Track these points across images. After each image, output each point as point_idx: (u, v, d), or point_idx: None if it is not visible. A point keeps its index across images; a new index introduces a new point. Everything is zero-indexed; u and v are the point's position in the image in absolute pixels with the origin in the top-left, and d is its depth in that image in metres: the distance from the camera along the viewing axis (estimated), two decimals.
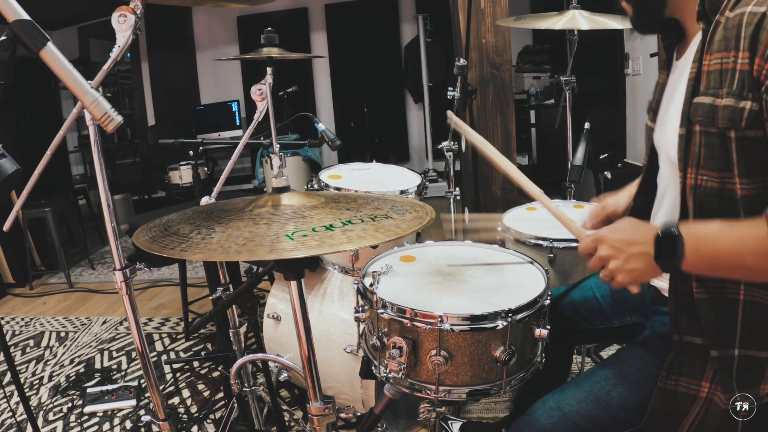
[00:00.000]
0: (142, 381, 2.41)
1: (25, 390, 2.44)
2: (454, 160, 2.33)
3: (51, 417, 2.25)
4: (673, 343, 1.00)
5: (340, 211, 0.95)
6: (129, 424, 2.14)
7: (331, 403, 1.03)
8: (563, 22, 1.98)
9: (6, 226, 1.22)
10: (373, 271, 1.22)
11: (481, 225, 1.35)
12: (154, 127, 6.00)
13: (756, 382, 0.93)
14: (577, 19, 1.97)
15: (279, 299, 1.96)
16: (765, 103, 0.81)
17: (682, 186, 0.95)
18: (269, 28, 1.85)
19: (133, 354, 2.75)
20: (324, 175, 1.99)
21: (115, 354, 2.78)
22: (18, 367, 2.70)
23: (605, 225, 1.20)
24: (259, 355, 1.42)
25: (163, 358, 2.69)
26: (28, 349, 2.94)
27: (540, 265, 1.29)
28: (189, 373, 2.49)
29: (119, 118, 0.90)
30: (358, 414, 1.73)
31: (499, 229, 1.69)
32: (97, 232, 5.14)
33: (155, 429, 2.09)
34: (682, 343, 0.99)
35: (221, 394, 2.25)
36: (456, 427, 1.74)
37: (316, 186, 1.92)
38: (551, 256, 1.60)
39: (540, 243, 1.62)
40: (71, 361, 2.75)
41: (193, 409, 2.20)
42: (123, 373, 2.58)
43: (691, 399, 0.97)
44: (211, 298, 1.69)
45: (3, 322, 3.36)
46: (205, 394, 2.29)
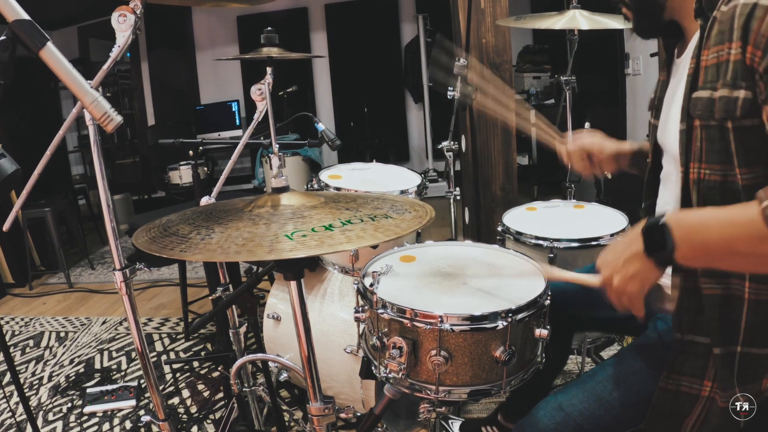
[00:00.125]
0: (142, 381, 2.41)
1: (25, 390, 2.44)
2: (454, 160, 2.33)
3: (51, 417, 2.24)
4: (674, 342, 1.00)
5: (340, 211, 0.95)
6: (129, 425, 2.14)
7: (331, 403, 1.03)
8: (563, 22, 1.98)
9: (6, 226, 1.22)
10: (373, 271, 1.22)
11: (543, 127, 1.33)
12: (154, 127, 6.00)
13: (757, 378, 0.94)
14: (577, 19, 1.97)
15: (279, 299, 1.96)
16: (759, 88, 0.81)
17: (684, 181, 0.95)
18: (269, 28, 1.85)
19: (133, 354, 2.75)
20: (324, 175, 1.99)
21: (114, 354, 2.78)
22: (18, 368, 2.70)
23: (581, 152, 1.28)
24: (259, 356, 1.42)
25: (163, 358, 2.69)
26: (27, 350, 2.94)
27: (540, 265, 1.29)
28: (189, 374, 2.49)
29: (119, 118, 0.90)
30: (358, 414, 1.73)
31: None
32: (97, 232, 5.14)
33: (155, 429, 2.09)
34: (684, 342, 0.99)
35: (221, 395, 2.25)
36: (456, 426, 1.74)
37: (316, 186, 1.91)
38: (551, 256, 1.60)
39: (540, 243, 1.62)
40: (71, 361, 2.75)
41: (193, 409, 2.20)
42: (123, 373, 2.58)
43: (693, 398, 0.97)
44: (210, 298, 1.69)
45: (3, 322, 3.36)
46: (205, 394, 2.29)
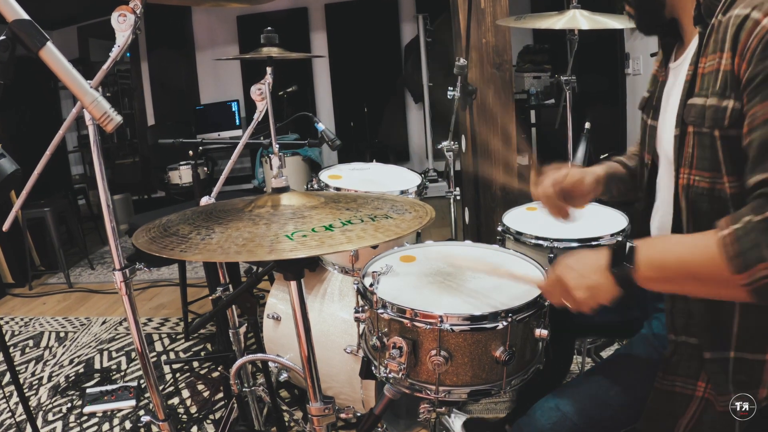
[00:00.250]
0: (142, 381, 2.40)
1: (25, 390, 2.44)
2: (454, 160, 2.33)
3: (50, 417, 2.24)
4: (668, 342, 1.00)
5: (340, 211, 0.95)
6: (128, 425, 2.14)
7: (330, 403, 1.03)
8: (563, 21, 1.98)
9: (5, 226, 1.22)
10: (373, 271, 1.22)
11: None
12: (154, 126, 5.99)
13: (753, 386, 0.93)
14: (577, 19, 1.97)
15: (279, 299, 1.96)
16: (744, 100, 0.82)
17: (675, 186, 0.95)
18: (269, 28, 1.84)
19: (133, 354, 2.75)
20: (324, 175, 1.99)
21: (114, 354, 2.78)
22: (17, 368, 2.70)
23: (561, 193, 1.23)
24: (259, 356, 1.42)
25: (163, 358, 2.68)
26: (27, 350, 2.94)
27: (540, 265, 1.29)
28: (189, 374, 2.49)
29: (119, 118, 0.90)
30: (358, 414, 1.73)
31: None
32: (97, 232, 5.14)
33: (155, 429, 2.09)
34: (678, 343, 0.99)
35: (221, 395, 2.25)
36: (458, 423, 1.73)
37: (316, 186, 1.91)
38: (551, 256, 1.60)
39: (540, 243, 1.62)
40: (71, 361, 2.75)
41: (193, 409, 2.20)
42: (122, 373, 2.58)
43: (687, 399, 0.97)
44: (210, 298, 1.69)
45: (2, 323, 3.36)
46: (205, 394, 2.29)
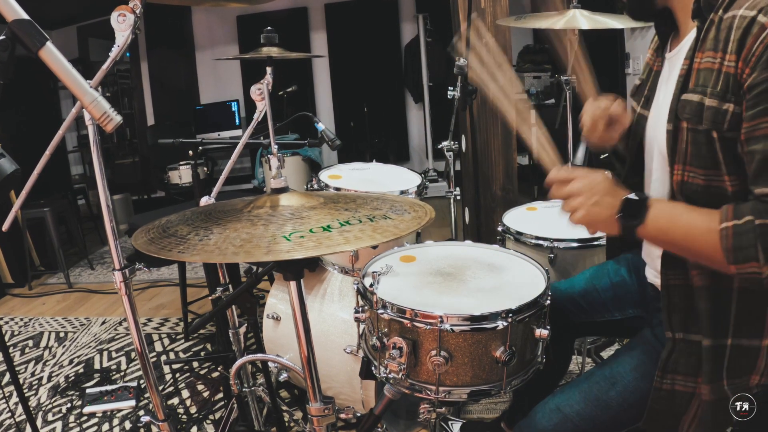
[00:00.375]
0: (142, 381, 2.40)
1: (24, 390, 2.44)
2: (454, 160, 2.33)
3: (50, 417, 2.24)
4: (667, 341, 1.00)
5: (339, 212, 0.95)
6: (128, 425, 2.14)
7: (330, 403, 1.02)
8: (564, 21, 1.97)
9: (5, 227, 1.22)
10: (373, 272, 1.22)
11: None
12: (154, 126, 5.99)
13: (746, 372, 0.94)
14: (577, 19, 1.97)
15: (278, 299, 1.96)
16: (744, 105, 0.83)
17: (670, 181, 0.96)
18: (269, 28, 1.84)
19: (133, 354, 2.75)
20: (324, 175, 1.99)
21: (114, 354, 2.78)
22: (17, 368, 2.69)
23: (608, 120, 1.26)
24: (259, 356, 1.42)
25: (163, 358, 2.68)
26: (27, 350, 2.93)
27: (540, 265, 1.29)
28: (188, 374, 2.48)
29: (118, 118, 0.89)
30: (358, 414, 1.73)
31: None
32: (97, 232, 5.14)
33: (154, 429, 2.09)
34: (676, 340, 0.99)
35: (221, 395, 2.25)
36: (456, 427, 1.73)
37: (315, 186, 1.91)
38: (551, 256, 1.60)
39: (540, 243, 1.62)
40: (70, 361, 2.75)
41: (193, 409, 2.20)
42: (122, 373, 2.57)
43: (689, 396, 0.97)
44: (210, 298, 1.69)
45: (2, 323, 3.36)
46: (205, 394, 2.29)
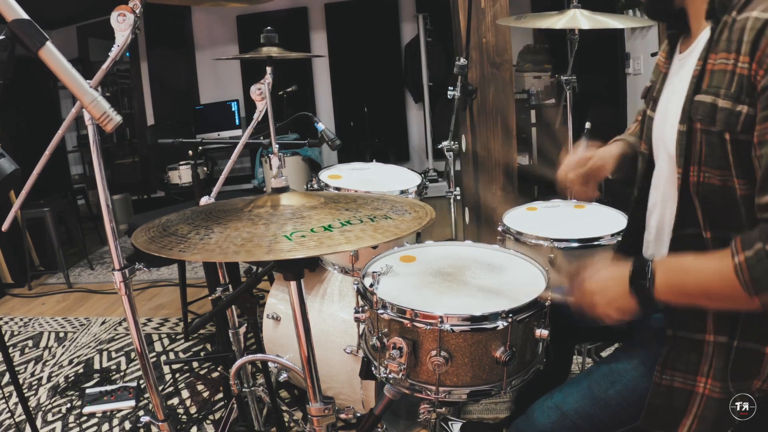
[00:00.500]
0: (141, 381, 2.40)
1: (24, 391, 2.44)
2: (454, 160, 2.33)
3: (50, 418, 2.24)
4: (666, 338, 1.00)
5: (339, 212, 0.94)
6: (128, 425, 2.14)
7: (330, 403, 1.02)
8: (564, 21, 1.97)
9: (5, 227, 1.21)
10: (373, 272, 1.21)
11: None
12: (154, 126, 5.99)
13: (750, 377, 0.94)
14: (577, 19, 1.97)
15: (278, 299, 1.96)
16: (758, 108, 0.83)
17: (682, 182, 0.95)
18: (269, 28, 1.84)
19: (132, 354, 2.74)
20: (324, 175, 1.98)
21: (114, 354, 2.78)
22: (17, 368, 2.69)
23: (584, 178, 1.27)
24: (259, 356, 1.42)
25: (163, 358, 2.68)
26: (26, 350, 2.93)
27: (540, 265, 1.29)
28: (188, 374, 2.48)
29: (118, 118, 0.89)
30: (358, 415, 1.73)
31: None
32: (96, 232, 5.13)
33: (154, 430, 2.09)
34: (676, 338, 0.99)
35: (221, 395, 2.25)
36: (456, 427, 1.73)
37: (315, 186, 1.91)
38: (552, 256, 1.60)
39: (540, 243, 1.62)
40: (70, 361, 2.75)
41: (193, 409, 2.19)
42: (122, 373, 2.57)
43: (687, 394, 0.97)
44: (210, 298, 1.69)
45: (2, 323, 3.35)
46: (205, 394, 2.28)
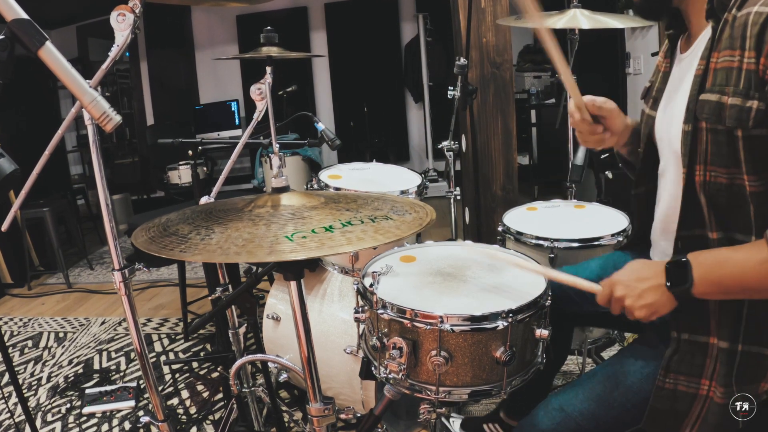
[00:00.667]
0: (141, 382, 2.40)
1: (24, 391, 2.44)
2: (454, 160, 2.33)
3: (49, 418, 2.24)
4: (671, 340, 1.00)
5: (340, 212, 0.94)
6: (128, 425, 2.14)
7: (330, 404, 1.02)
8: (564, 21, 1.97)
9: (4, 227, 1.22)
10: (373, 272, 1.21)
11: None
12: (153, 126, 5.98)
13: (756, 380, 0.94)
14: (577, 18, 1.97)
15: (278, 300, 1.96)
16: None
17: (687, 181, 0.95)
18: (268, 27, 1.84)
19: (132, 354, 2.74)
20: (324, 175, 1.98)
21: (113, 354, 2.78)
22: (16, 368, 2.69)
23: (594, 110, 1.21)
24: (259, 356, 1.41)
25: (162, 358, 2.68)
26: (26, 350, 2.93)
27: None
28: (188, 374, 2.48)
29: (118, 118, 0.89)
30: (358, 415, 1.73)
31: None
32: (96, 232, 5.13)
33: (154, 430, 2.08)
34: (680, 340, 0.99)
35: (220, 395, 2.25)
36: (457, 424, 1.73)
37: (315, 186, 1.91)
38: (552, 256, 1.60)
39: (540, 243, 1.62)
40: (70, 361, 2.74)
41: (192, 409, 2.19)
42: (122, 373, 2.57)
43: (691, 397, 0.97)
44: (210, 298, 1.68)
45: (1, 323, 3.35)
46: (205, 394, 2.28)
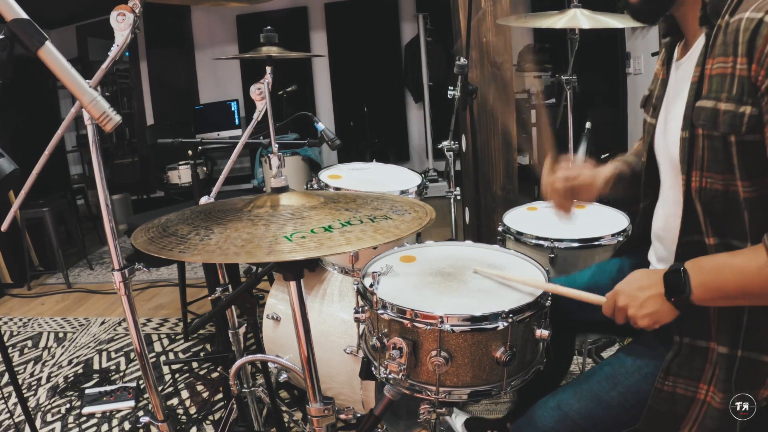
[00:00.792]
0: (141, 382, 2.40)
1: (23, 391, 2.44)
2: (454, 160, 2.33)
3: (49, 418, 2.24)
4: (673, 344, 1.00)
5: (339, 212, 0.94)
6: (127, 425, 2.14)
7: (330, 404, 1.02)
8: (564, 21, 1.97)
9: (4, 227, 1.21)
10: (373, 272, 1.21)
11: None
12: (153, 126, 5.99)
13: (755, 386, 0.94)
14: (578, 18, 1.97)
15: (278, 300, 1.95)
16: (762, 109, 0.83)
17: (686, 188, 0.95)
18: (268, 27, 1.84)
19: (132, 355, 2.74)
20: (324, 175, 1.98)
21: (113, 355, 2.77)
22: (16, 368, 2.69)
23: (570, 191, 1.25)
24: (259, 356, 1.41)
25: (162, 358, 2.68)
26: (26, 350, 2.93)
27: (541, 265, 1.28)
28: (188, 374, 2.48)
29: (118, 118, 0.89)
30: (358, 415, 1.73)
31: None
32: (96, 232, 5.13)
33: (154, 430, 2.08)
34: (682, 344, 0.99)
35: (220, 395, 2.25)
36: (459, 422, 1.73)
37: (315, 186, 1.91)
38: (552, 256, 1.60)
39: (541, 243, 1.62)
40: (69, 361, 2.74)
41: (192, 410, 2.19)
42: (121, 373, 2.57)
43: (689, 401, 0.97)
44: (210, 298, 1.68)
45: (1, 323, 3.35)
46: (204, 395, 2.28)
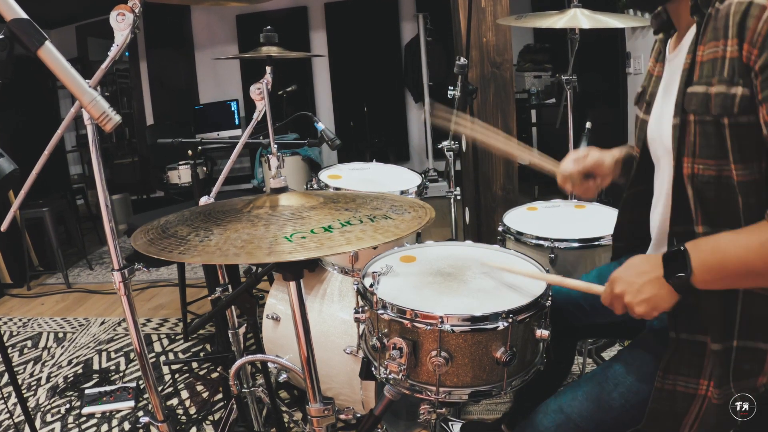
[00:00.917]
0: (141, 382, 2.40)
1: (23, 391, 2.43)
2: (454, 160, 2.32)
3: (49, 418, 2.24)
4: (670, 341, 1.00)
5: (339, 212, 0.94)
6: (127, 426, 2.14)
7: (330, 404, 1.02)
8: (564, 20, 1.97)
9: (4, 227, 1.21)
10: (373, 272, 1.21)
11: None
12: (153, 126, 5.98)
13: (753, 374, 0.94)
14: (578, 18, 1.97)
15: (278, 300, 1.95)
16: (756, 87, 0.83)
17: (676, 175, 0.95)
18: (268, 27, 1.84)
19: (132, 355, 2.74)
20: (323, 175, 1.98)
21: (113, 355, 2.77)
22: (16, 368, 2.69)
23: (581, 174, 1.28)
24: (258, 356, 1.41)
25: (162, 359, 2.68)
26: (25, 350, 2.93)
27: (541, 265, 1.28)
28: (188, 374, 2.48)
29: (117, 118, 0.89)
30: (358, 415, 1.73)
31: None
32: (96, 232, 5.13)
33: (154, 430, 2.08)
34: (679, 340, 0.98)
35: (220, 395, 2.24)
36: (456, 428, 1.73)
37: (315, 186, 1.91)
38: (552, 256, 1.59)
39: (541, 243, 1.62)
40: (69, 362, 2.74)
41: (192, 410, 2.19)
42: (121, 374, 2.57)
43: (690, 398, 0.97)
44: (210, 298, 1.68)
45: (1, 323, 3.35)
46: (204, 395, 2.28)
